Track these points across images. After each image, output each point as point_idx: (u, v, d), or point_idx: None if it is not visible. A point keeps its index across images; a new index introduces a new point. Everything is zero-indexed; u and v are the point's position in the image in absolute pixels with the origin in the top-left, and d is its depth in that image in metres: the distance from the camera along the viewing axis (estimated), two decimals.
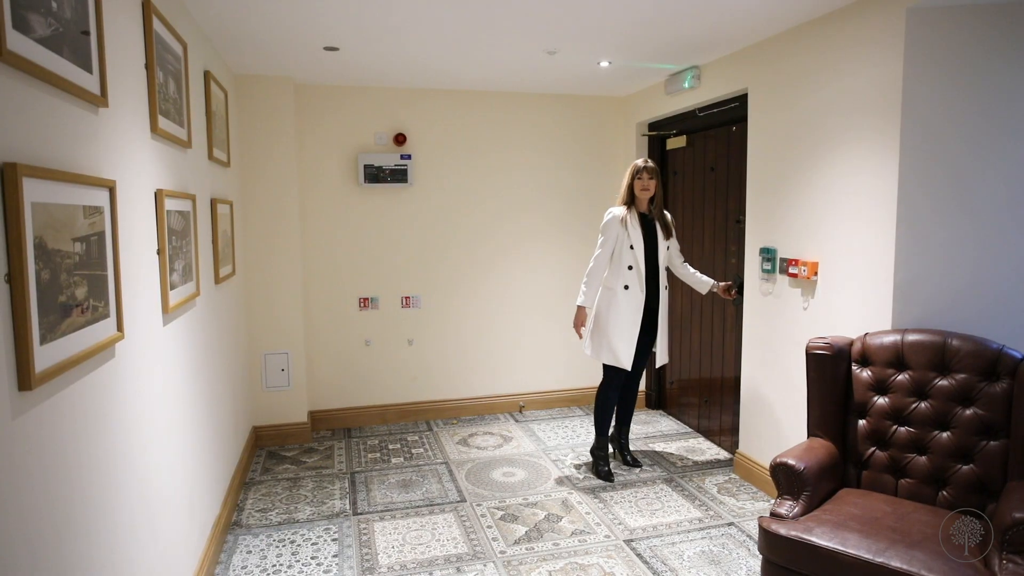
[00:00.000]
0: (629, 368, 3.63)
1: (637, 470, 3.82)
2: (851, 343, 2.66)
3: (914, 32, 2.56)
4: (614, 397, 3.75)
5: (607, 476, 3.70)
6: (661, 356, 3.75)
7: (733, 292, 3.66)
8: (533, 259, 4.88)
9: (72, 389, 1.49)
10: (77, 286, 1.48)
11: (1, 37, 1.17)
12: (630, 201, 3.62)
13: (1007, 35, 2.58)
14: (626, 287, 3.57)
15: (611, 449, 4.07)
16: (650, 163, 3.60)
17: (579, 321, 3.67)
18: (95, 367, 1.63)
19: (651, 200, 3.62)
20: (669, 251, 3.67)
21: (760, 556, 2.35)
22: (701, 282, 3.74)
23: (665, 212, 3.69)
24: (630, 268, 3.56)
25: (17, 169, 1.21)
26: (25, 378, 1.24)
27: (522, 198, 4.83)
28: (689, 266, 3.81)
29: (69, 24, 1.49)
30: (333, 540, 3.04)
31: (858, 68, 2.80)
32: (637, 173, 3.58)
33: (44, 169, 1.33)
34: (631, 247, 3.56)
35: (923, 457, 2.44)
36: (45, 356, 1.32)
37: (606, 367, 3.70)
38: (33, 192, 1.28)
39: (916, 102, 2.59)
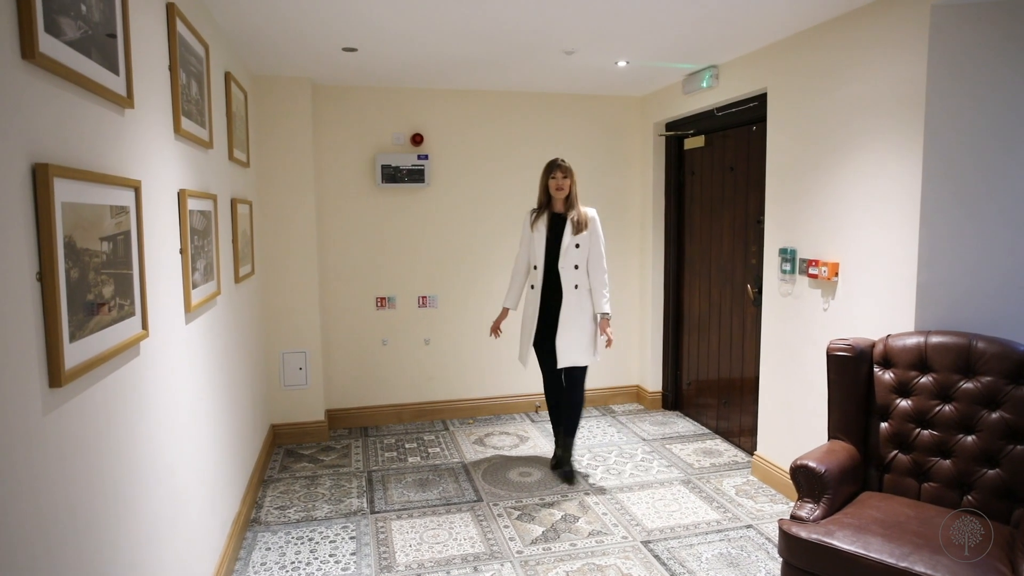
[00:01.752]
0: (525, 366, 3.76)
1: (569, 487, 3.59)
2: (873, 344, 2.63)
3: (938, 29, 2.52)
4: (548, 395, 3.81)
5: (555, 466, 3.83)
6: (561, 357, 3.50)
7: (608, 342, 3.50)
8: None
9: (99, 386, 1.51)
10: (104, 285, 1.50)
11: (34, 40, 1.19)
12: (546, 201, 3.59)
13: None
14: (532, 287, 3.65)
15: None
16: (563, 161, 3.53)
17: (496, 320, 3.83)
18: (121, 364, 1.65)
19: (568, 199, 3.54)
20: (581, 249, 3.49)
21: (780, 559, 2.33)
22: (594, 302, 3.53)
23: (586, 210, 3.54)
24: (535, 268, 3.61)
25: (48, 170, 1.23)
26: (55, 375, 1.26)
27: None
28: (602, 280, 3.51)
29: (97, 27, 1.51)
30: (351, 538, 3.06)
31: (880, 66, 2.77)
32: (551, 172, 3.53)
33: (74, 170, 1.35)
34: (535, 247, 3.59)
35: (947, 461, 2.40)
36: (74, 353, 1.34)
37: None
38: (63, 192, 1.30)
39: (940, 100, 2.55)
